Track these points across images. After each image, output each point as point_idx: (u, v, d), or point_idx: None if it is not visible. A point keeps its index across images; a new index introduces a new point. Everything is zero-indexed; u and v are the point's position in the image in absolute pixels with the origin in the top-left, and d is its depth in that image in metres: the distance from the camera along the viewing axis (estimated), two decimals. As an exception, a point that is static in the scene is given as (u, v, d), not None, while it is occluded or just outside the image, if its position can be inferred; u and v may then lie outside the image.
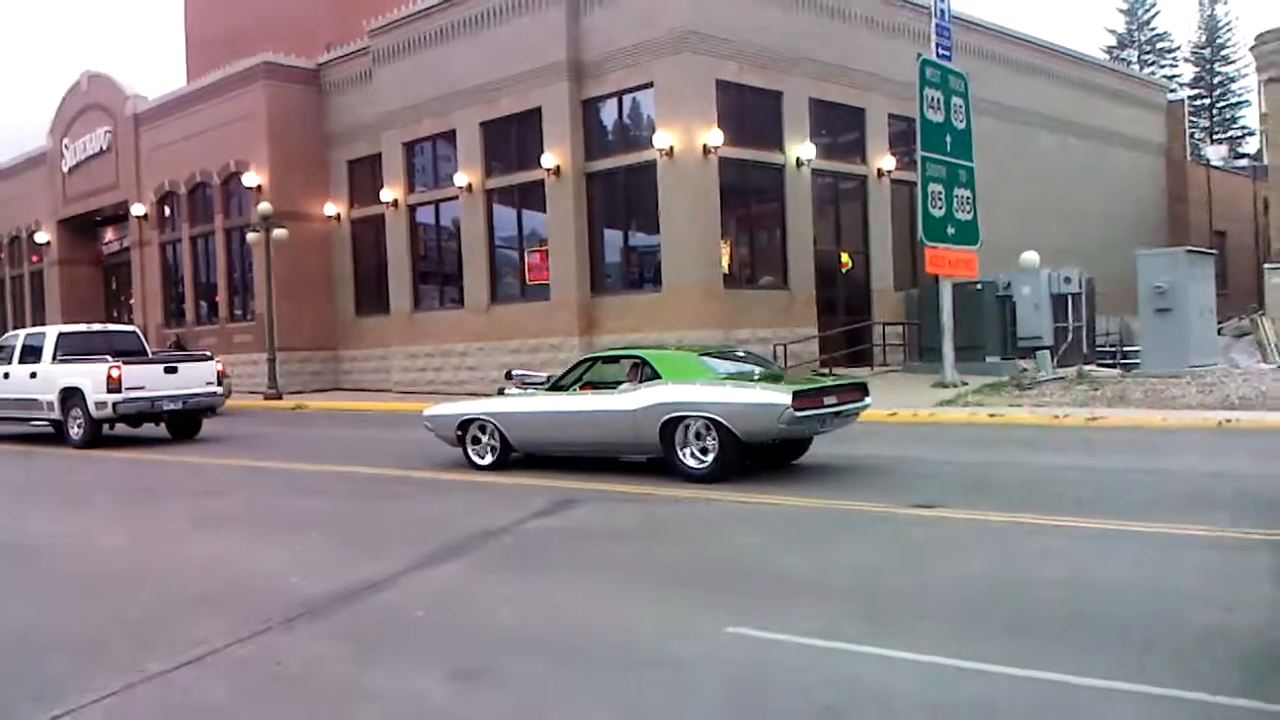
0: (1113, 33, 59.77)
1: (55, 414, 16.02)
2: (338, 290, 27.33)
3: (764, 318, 20.30)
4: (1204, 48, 57.97)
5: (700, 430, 9.58)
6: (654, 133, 19.81)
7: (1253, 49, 29.56)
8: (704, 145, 19.42)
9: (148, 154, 30.45)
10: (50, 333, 17.01)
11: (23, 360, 16.61)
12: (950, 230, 17.82)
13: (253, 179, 26.25)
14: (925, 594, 5.66)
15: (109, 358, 15.63)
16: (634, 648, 4.95)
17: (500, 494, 9.65)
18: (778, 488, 9.10)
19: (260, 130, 26.39)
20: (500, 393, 11.66)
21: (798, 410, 9.15)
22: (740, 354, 11.46)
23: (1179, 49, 59.26)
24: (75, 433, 15.69)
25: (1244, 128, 56.49)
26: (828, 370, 19.31)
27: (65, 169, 33.99)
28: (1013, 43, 27.34)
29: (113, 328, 19.49)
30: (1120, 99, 31.62)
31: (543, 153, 21.28)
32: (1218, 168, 37.41)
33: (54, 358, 16.19)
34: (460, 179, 23.04)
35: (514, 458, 11.07)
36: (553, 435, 10.77)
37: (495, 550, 7.27)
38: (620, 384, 10.31)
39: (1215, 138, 54.67)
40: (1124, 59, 55.43)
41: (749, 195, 21.35)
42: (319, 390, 26.45)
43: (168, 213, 30.42)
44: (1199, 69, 58.24)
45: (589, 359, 11.38)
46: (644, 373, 10.10)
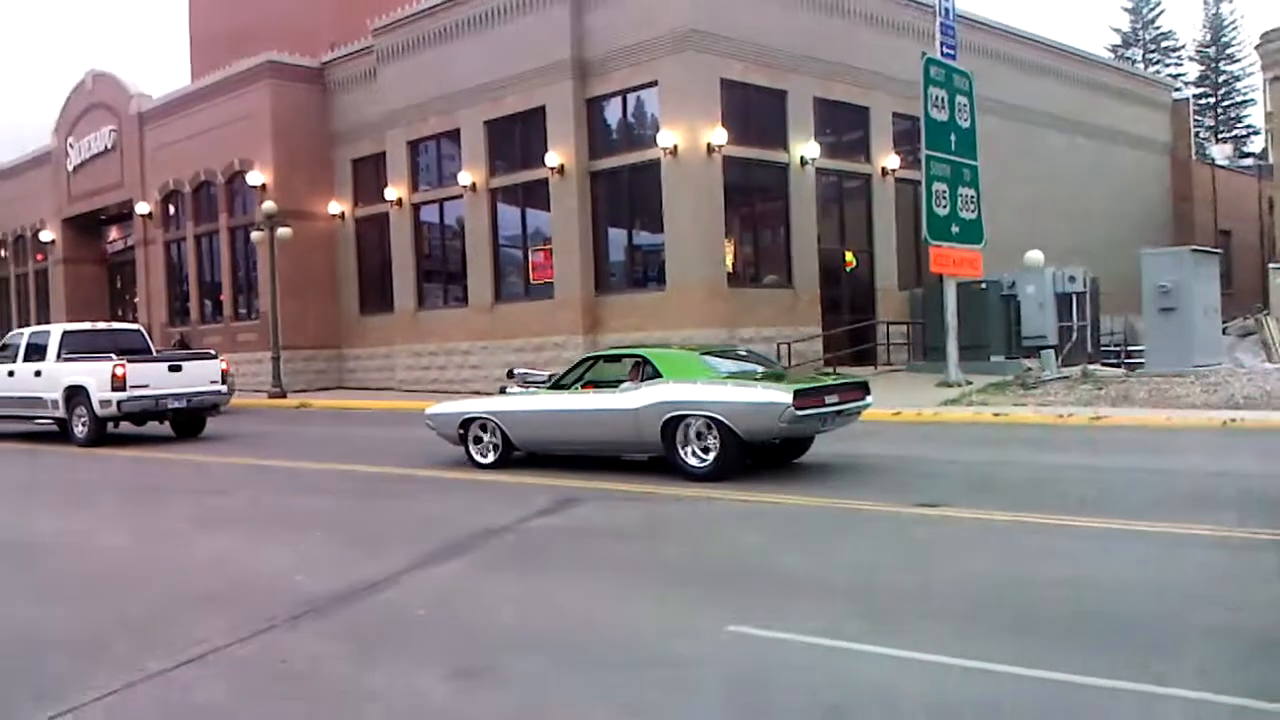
0: (1118, 31, 59.77)
1: (60, 412, 16.03)
2: (342, 289, 27.35)
3: (768, 317, 20.28)
4: (1209, 46, 57.82)
5: (701, 429, 9.57)
6: (658, 131, 19.81)
7: (1258, 47, 29.39)
8: (708, 144, 19.42)
9: (152, 153, 30.50)
10: (55, 331, 17.05)
11: (27, 359, 16.63)
12: (954, 229, 17.78)
13: (257, 178, 26.28)
14: (929, 593, 5.64)
15: (113, 356, 15.64)
16: (636, 646, 4.94)
17: (502, 492, 9.65)
18: (779, 486, 9.08)
19: (264, 129, 26.42)
20: (502, 391, 11.64)
21: (799, 409, 9.13)
22: (742, 353, 11.49)
23: (1184, 48, 59.20)
24: (80, 431, 15.71)
25: (1249, 126, 56.36)
26: (832, 369, 19.29)
27: (70, 168, 34.06)
28: (1017, 41, 27.28)
29: (117, 326, 19.47)
30: (1125, 98, 31.54)
31: (547, 151, 21.28)
32: (1223, 167, 37.27)
33: (59, 356, 16.21)
34: (464, 178, 23.05)
35: (516, 456, 11.06)
36: (554, 434, 10.76)
37: (497, 549, 7.26)
38: (622, 383, 10.30)
39: (1220, 137, 54.51)
40: (1129, 58, 55.29)
41: (753, 194, 21.34)
42: (323, 389, 26.46)
43: (172, 211, 30.46)
44: (1204, 68, 58.09)
45: (591, 358, 11.37)
46: (645, 371, 10.09)
